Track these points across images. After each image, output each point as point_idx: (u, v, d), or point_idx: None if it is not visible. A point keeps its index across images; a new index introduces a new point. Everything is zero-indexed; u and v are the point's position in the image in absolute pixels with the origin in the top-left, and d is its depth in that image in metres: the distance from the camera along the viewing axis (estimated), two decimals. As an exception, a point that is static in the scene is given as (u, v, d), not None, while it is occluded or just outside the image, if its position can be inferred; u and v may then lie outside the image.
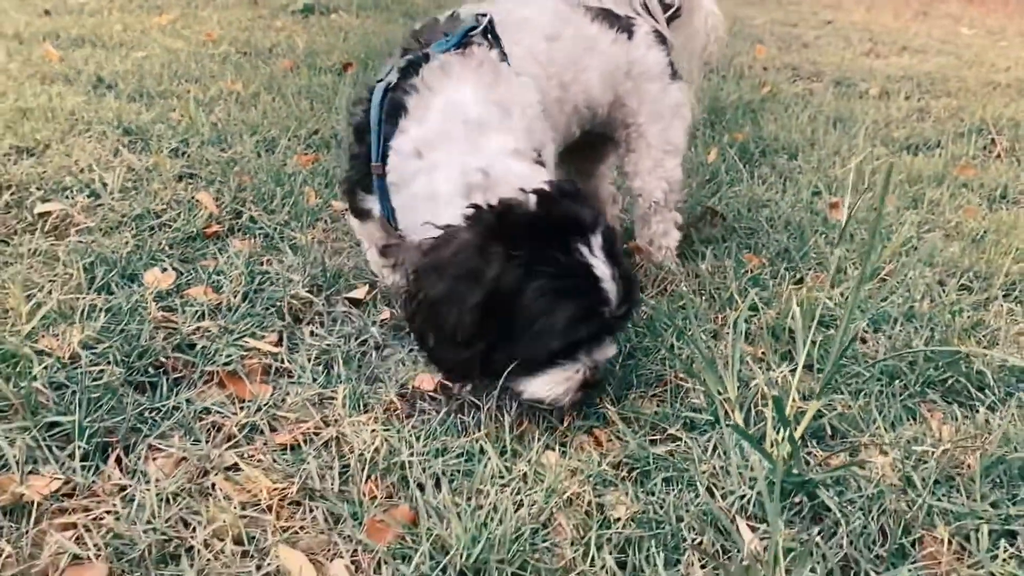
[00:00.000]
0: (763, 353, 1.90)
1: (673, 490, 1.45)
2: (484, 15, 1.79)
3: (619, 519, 1.37)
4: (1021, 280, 2.34)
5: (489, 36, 1.78)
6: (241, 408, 1.58)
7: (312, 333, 1.86)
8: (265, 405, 1.59)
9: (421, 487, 1.40)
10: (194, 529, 1.28)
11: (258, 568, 1.22)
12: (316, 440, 1.52)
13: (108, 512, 1.28)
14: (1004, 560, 1.32)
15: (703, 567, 1.29)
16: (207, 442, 1.48)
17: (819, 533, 1.36)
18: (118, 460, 1.41)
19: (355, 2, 6.51)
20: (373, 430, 1.53)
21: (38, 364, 1.54)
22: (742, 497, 1.43)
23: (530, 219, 1.47)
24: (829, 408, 1.70)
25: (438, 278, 1.47)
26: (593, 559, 1.29)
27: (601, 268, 1.47)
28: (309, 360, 1.75)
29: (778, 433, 1.52)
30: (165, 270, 2.01)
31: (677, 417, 1.65)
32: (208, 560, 1.22)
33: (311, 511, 1.35)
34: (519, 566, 1.26)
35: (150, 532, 1.25)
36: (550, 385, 1.54)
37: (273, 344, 1.80)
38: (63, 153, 2.68)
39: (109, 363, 1.61)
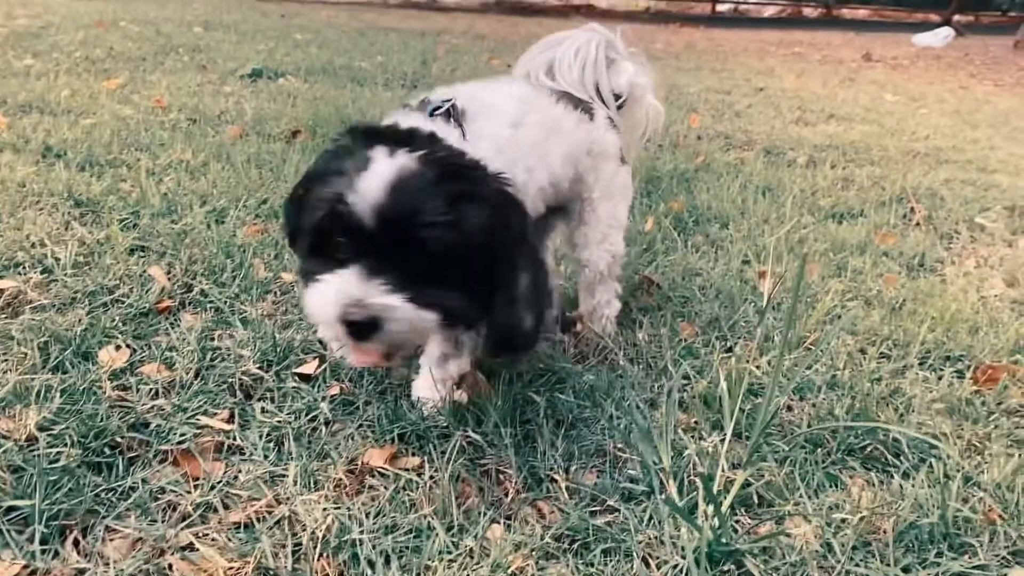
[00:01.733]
0: (695, 422, 2.01)
1: (611, 560, 1.53)
2: (449, 100, 1.89)
3: (561, 591, 1.45)
4: (935, 348, 2.50)
5: (452, 120, 1.87)
6: (195, 486, 1.63)
7: (263, 410, 1.91)
8: (218, 483, 1.64)
9: (372, 564, 1.46)
10: (152, 611, 1.32)
11: (215, 649, 1.27)
12: (269, 518, 1.57)
13: (68, 597, 1.32)
14: (914, 622, 1.43)
15: (639, 636, 1.38)
16: (163, 522, 1.53)
17: (746, 600, 1.46)
18: (76, 543, 1.45)
19: (303, 67, 6.63)
20: (324, 508, 1.59)
21: (-5, 448, 1.57)
22: (675, 567, 1.51)
23: None
24: (757, 476, 1.80)
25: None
26: (536, 631, 1.37)
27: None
28: (260, 437, 1.80)
29: (708, 505, 1.62)
30: (119, 347, 2.05)
31: (615, 488, 1.74)
32: (167, 642, 1.27)
33: (266, 590, 1.41)
34: (466, 640, 1.33)
35: (109, 616, 1.29)
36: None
37: (225, 421, 1.85)
38: (14, 227, 2.70)
39: (66, 445, 1.65)
